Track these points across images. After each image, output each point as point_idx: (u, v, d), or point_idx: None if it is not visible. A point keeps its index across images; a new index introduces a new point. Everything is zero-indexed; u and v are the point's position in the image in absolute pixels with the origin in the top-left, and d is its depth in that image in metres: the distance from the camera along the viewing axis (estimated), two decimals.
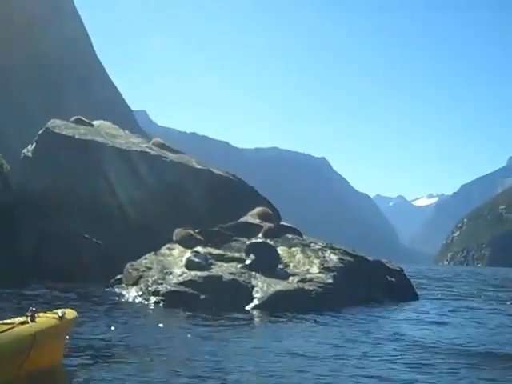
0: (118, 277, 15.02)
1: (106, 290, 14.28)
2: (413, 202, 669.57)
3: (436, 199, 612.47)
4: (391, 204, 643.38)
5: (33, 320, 5.70)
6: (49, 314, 6.07)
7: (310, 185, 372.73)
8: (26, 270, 16.11)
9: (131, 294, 12.98)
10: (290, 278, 12.87)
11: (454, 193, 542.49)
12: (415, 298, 15.86)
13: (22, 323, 5.60)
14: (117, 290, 13.82)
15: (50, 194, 19.35)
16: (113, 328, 8.85)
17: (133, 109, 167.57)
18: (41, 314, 5.96)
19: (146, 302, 12.27)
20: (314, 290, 12.32)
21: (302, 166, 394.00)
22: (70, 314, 6.40)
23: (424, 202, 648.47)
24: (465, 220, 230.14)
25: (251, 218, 17.65)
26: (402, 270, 16.31)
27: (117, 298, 12.83)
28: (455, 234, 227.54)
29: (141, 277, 13.42)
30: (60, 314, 6.07)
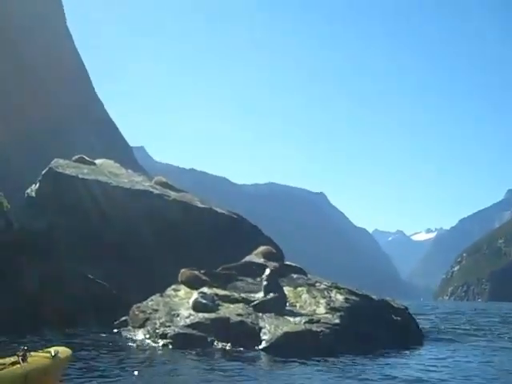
0: (123, 319, 14.91)
1: (108, 334, 13.99)
2: (411, 237, 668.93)
3: (435, 234, 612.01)
4: (390, 239, 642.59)
5: (24, 360, 5.42)
6: (41, 353, 5.81)
7: (309, 220, 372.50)
8: (29, 313, 15.81)
9: (138, 336, 12.88)
10: (297, 319, 12.81)
11: (452, 227, 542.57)
12: (420, 338, 15.62)
13: (13, 363, 5.33)
14: (124, 333, 13.65)
15: (53, 234, 19.35)
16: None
17: (131, 145, 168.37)
18: (33, 354, 5.72)
19: (154, 345, 12.18)
20: (321, 331, 12.25)
21: (301, 201, 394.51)
22: (64, 352, 6.15)
23: (423, 236, 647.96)
24: (464, 255, 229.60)
25: (255, 257, 17.63)
26: (406, 309, 16.21)
27: (125, 343, 12.69)
28: (455, 269, 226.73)
29: (148, 319, 13.35)
30: (53, 353, 5.80)
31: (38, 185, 21.49)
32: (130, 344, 12.52)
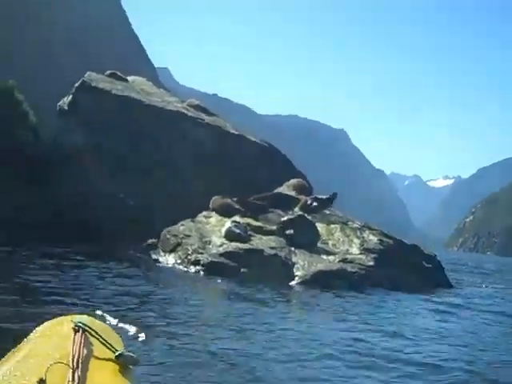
0: (150, 241, 14.78)
1: (139, 255, 13.98)
2: (428, 183, 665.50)
3: (452, 181, 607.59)
4: (406, 183, 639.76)
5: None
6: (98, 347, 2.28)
7: (328, 155, 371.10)
8: (55, 225, 15.72)
9: (169, 261, 12.77)
10: (331, 257, 12.61)
11: (471, 175, 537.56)
12: (449, 285, 15.59)
13: None
14: (153, 256, 13.53)
15: (86, 149, 19.09)
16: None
17: (156, 66, 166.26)
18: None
19: (185, 270, 12.06)
20: (355, 272, 12.07)
21: (322, 136, 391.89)
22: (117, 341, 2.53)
23: (440, 183, 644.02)
24: (478, 205, 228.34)
25: (287, 189, 17.32)
26: (436, 256, 16.00)
27: (157, 265, 12.61)
28: (467, 220, 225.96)
29: (179, 244, 13.19)
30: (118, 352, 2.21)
31: (70, 97, 21.04)
32: (161, 266, 12.43)
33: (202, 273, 11.81)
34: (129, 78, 24.00)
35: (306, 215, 14.50)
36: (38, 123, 21.72)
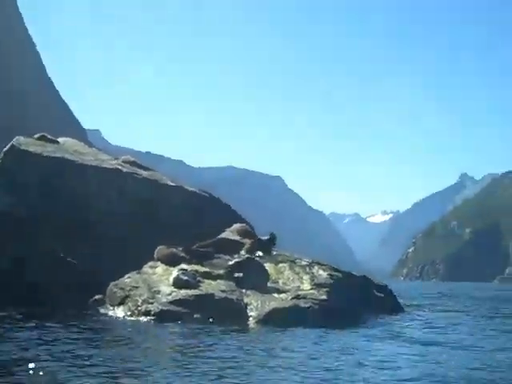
0: (97, 297, 14.42)
1: (86, 311, 13.52)
2: (368, 219, 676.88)
3: (390, 215, 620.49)
4: (346, 221, 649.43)
5: None
6: None
7: (267, 203, 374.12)
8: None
9: (118, 314, 12.39)
10: (283, 295, 12.49)
11: (408, 209, 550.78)
12: (401, 311, 15.73)
13: None
14: (102, 310, 13.14)
15: (17, 213, 18.56)
16: None
17: (85, 127, 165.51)
18: None
19: (137, 321, 11.71)
20: (310, 306, 11.97)
21: (259, 185, 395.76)
22: None
23: (379, 218, 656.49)
24: (419, 235, 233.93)
25: (231, 234, 17.28)
26: (386, 286, 16.13)
27: (107, 319, 12.21)
28: (410, 250, 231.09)
29: (127, 296, 12.85)
30: None
31: None
32: (110, 321, 12.03)
33: (152, 322, 11.47)
34: (59, 140, 23.63)
35: (253, 257, 14.42)
36: None
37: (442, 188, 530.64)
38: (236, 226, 17.95)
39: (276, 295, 12.56)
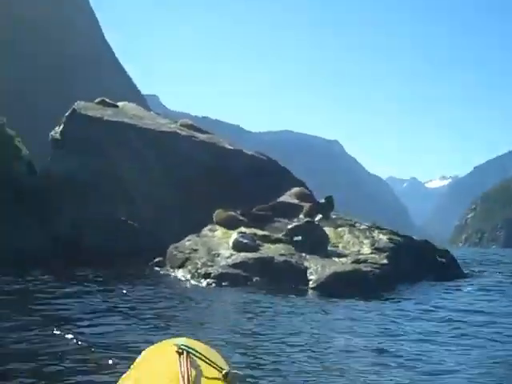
0: (157, 259, 14.57)
1: (149, 270, 13.74)
2: (426, 184, 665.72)
3: (449, 181, 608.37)
4: (404, 185, 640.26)
5: None
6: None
7: (325, 167, 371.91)
8: (64, 252, 15.50)
9: (179, 275, 12.48)
10: (343, 259, 12.34)
11: (467, 174, 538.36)
12: (464, 276, 15.28)
13: None
14: (162, 272, 13.29)
15: (81, 177, 18.87)
16: None
17: (143, 93, 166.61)
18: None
19: (197, 284, 11.77)
20: (371, 271, 11.77)
21: (316, 149, 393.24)
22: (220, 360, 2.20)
23: (437, 183, 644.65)
24: (478, 201, 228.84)
25: (289, 198, 17.14)
26: (448, 251, 15.74)
27: (168, 280, 12.35)
28: (469, 216, 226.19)
29: (187, 259, 12.93)
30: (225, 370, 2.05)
31: (62, 126, 20.86)
32: (174, 281, 12.17)
33: (213, 285, 11.50)
34: (119, 104, 23.82)
35: (312, 220, 14.26)
36: (31, 156, 21.47)
37: (504, 152, 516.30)
38: (294, 189, 17.80)
39: (336, 259, 12.41)
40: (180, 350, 1.87)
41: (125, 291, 10.09)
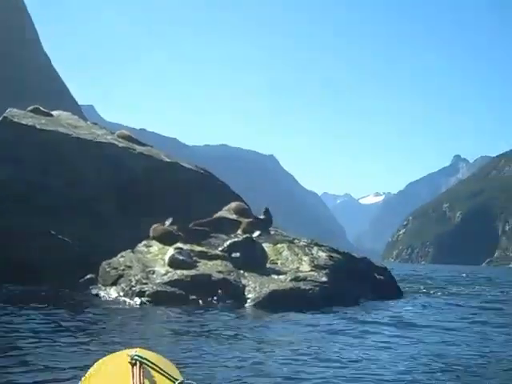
0: (89, 276, 13.99)
1: (78, 292, 13.04)
2: (360, 200, 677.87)
3: (382, 197, 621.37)
4: (338, 202, 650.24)
5: None
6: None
7: (261, 182, 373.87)
8: None
9: (111, 294, 11.95)
10: (282, 277, 12.12)
11: (400, 191, 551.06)
12: (400, 295, 15.36)
13: None
14: (93, 291, 12.66)
15: (10, 188, 18.08)
16: None
17: (79, 103, 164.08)
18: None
19: (131, 303, 11.27)
20: (310, 289, 11.59)
21: (252, 164, 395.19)
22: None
23: (371, 200, 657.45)
24: (410, 218, 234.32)
25: (227, 213, 16.87)
26: (386, 268, 15.81)
27: (99, 300, 11.77)
28: (401, 232, 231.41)
29: (121, 276, 12.42)
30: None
31: None
32: (105, 301, 11.61)
33: (148, 303, 11.03)
34: (53, 113, 23.10)
35: (251, 237, 14.02)
36: None
37: (436, 170, 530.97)
38: (232, 204, 17.53)
39: (275, 276, 12.19)
40: (133, 361, 1.87)
41: (43, 312, 9.46)
